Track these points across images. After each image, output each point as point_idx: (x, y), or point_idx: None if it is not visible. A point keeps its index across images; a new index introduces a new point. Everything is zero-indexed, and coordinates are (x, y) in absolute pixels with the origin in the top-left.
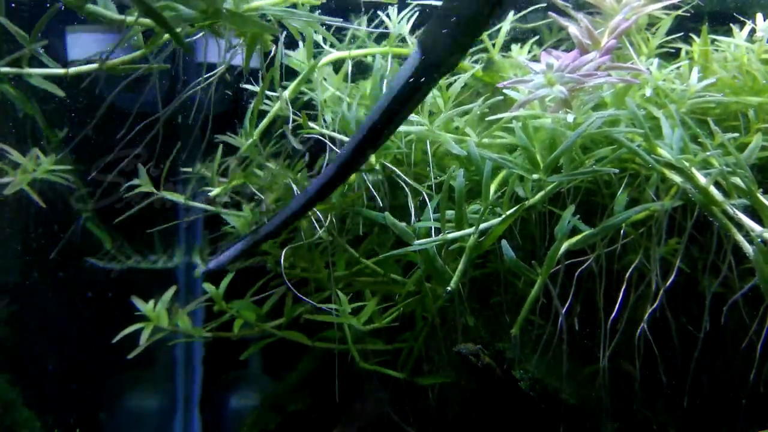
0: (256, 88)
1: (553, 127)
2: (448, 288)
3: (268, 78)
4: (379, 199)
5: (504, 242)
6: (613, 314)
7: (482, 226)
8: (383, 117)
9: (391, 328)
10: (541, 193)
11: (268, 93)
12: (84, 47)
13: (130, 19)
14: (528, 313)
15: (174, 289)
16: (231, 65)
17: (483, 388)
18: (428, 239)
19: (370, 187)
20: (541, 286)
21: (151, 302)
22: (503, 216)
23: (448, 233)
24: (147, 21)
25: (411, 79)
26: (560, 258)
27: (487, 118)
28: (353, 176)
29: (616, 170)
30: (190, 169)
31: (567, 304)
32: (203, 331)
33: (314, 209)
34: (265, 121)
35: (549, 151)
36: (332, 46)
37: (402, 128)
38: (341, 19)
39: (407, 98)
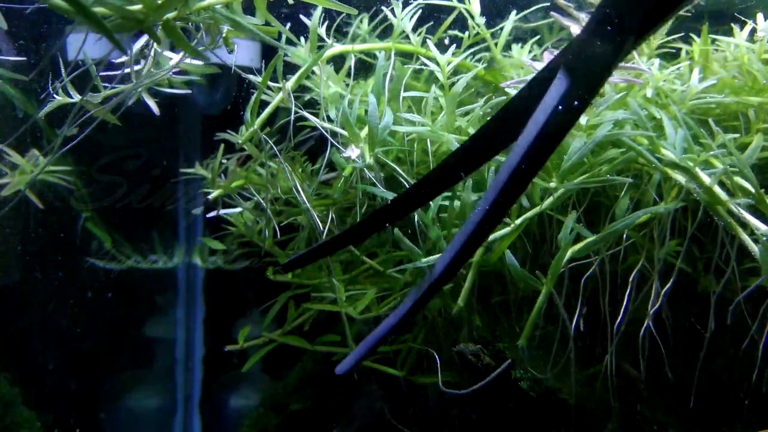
0: (259, 78)
1: None
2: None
3: (270, 68)
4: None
5: (508, 252)
6: (620, 317)
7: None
8: (529, 158)
9: None
10: (551, 199)
11: (273, 85)
12: (84, 47)
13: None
14: (534, 321)
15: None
16: (235, 65)
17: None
18: (434, 257)
19: (377, 183)
20: (546, 296)
21: None
22: (510, 227)
23: None
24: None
25: (559, 111)
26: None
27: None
28: (349, 171)
29: (630, 179)
30: (190, 170)
31: (575, 312)
32: None
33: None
34: (267, 110)
35: (557, 155)
36: (337, 41)
37: (404, 128)
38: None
39: (555, 133)
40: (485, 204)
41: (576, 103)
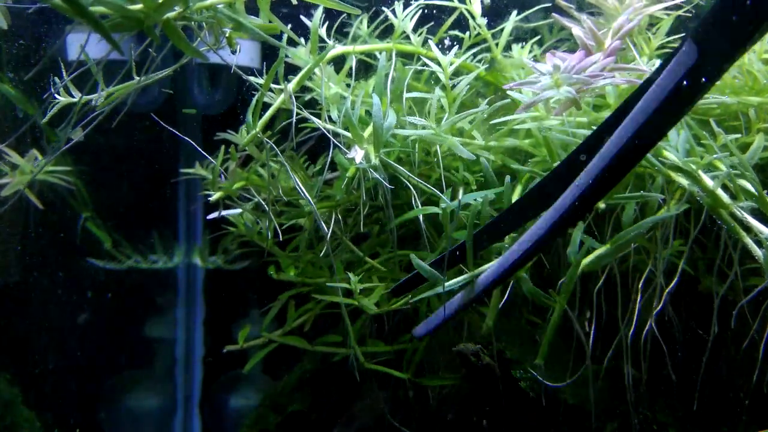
0: (261, 80)
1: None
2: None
3: (273, 70)
4: (383, 198)
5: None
6: (619, 320)
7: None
8: (643, 132)
9: (392, 329)
10: None
11: (273, 86)
12: (85, 46)
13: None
14: (550, 340)
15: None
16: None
17: (483, 388)
18: (455, 280)
19: (384, 183)
20: (560, 314)
21: None
22: None
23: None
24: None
25: (682, 83)
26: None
27: (492, 121)
28: (353, 171)
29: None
30: (190, 170)
31: (580, 315)
32: None
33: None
34: (269, 112)
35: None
36: (338, 41)
37: (409, 132)
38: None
39: (675, 109)
40: (589, 175)
41: (703, 78)
